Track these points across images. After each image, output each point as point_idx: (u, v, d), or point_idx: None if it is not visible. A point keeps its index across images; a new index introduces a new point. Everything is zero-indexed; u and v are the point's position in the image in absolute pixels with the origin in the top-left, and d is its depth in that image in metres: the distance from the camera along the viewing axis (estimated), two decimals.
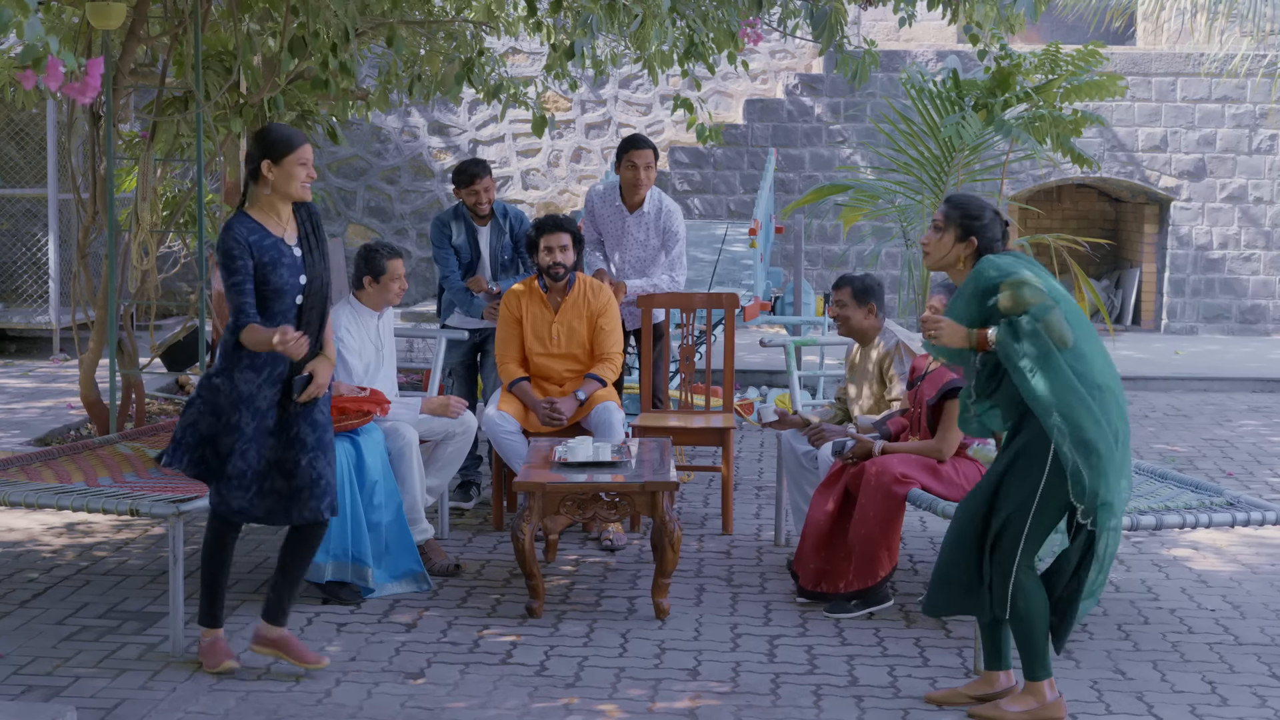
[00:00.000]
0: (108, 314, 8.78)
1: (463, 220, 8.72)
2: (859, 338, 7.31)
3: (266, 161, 5.52)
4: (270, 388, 5.50)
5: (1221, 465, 9.98)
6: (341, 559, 6.50)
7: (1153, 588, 7.00)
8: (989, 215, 5.35)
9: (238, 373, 5.47)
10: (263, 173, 5.53)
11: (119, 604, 6.52)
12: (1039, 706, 5.26)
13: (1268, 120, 16.96)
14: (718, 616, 6.45)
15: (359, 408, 6.69)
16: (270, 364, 5.49)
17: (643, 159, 8.54)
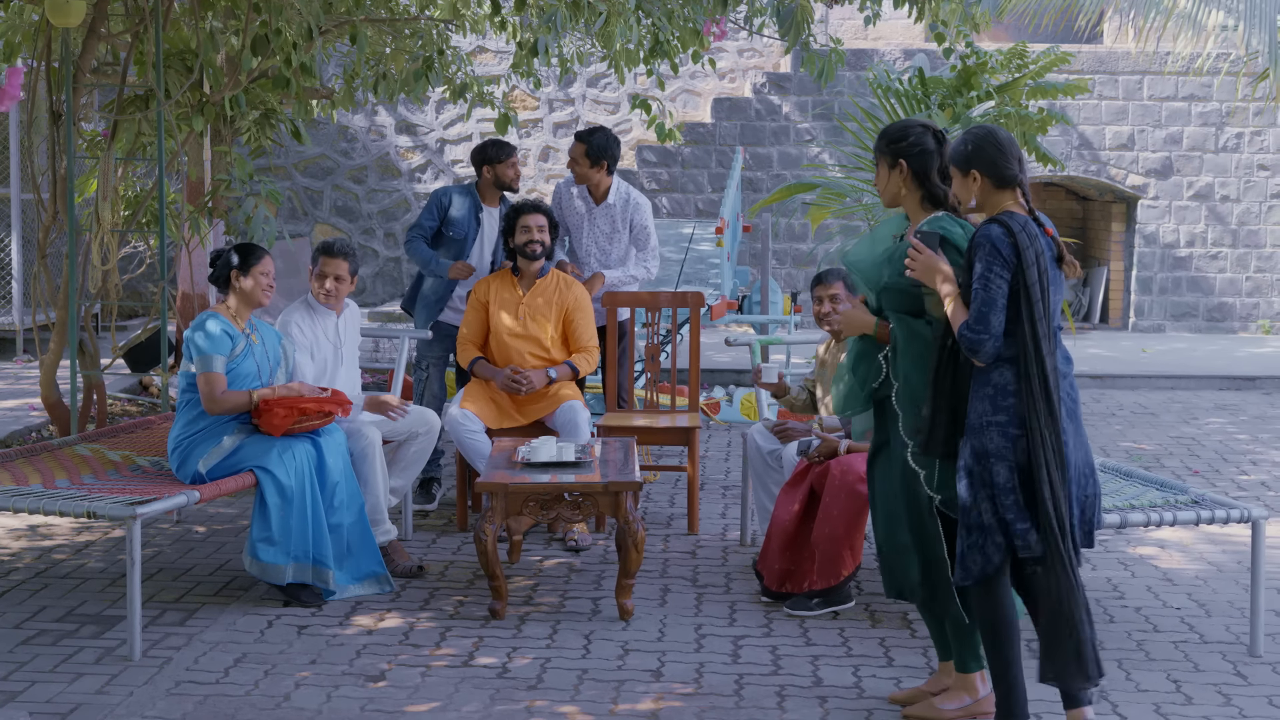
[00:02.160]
0: (69, 315, 8.70)
1: (471, 197, 8.65)
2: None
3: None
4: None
5: (1188, 463, 9.98)
6: (302, 561, 6.44)
7: (1118, 586, 6.99)
8: (914, 133, 5.18)
9: None
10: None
11: (77, 607, 6.44)
12: (972, 702, 5.22)
13: (1234, 119, 17.00)
14: (682, 617, 6.41)
15: (320, 408, 6.63)
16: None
17: (571, 153, 8.60)
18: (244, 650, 5.89)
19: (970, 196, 4.95)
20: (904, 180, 5.19)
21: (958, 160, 4.97)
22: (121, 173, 9.45)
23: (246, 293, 6.73)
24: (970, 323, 4.79)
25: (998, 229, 4.80)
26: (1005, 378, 4.83)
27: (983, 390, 4.85)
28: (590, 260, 8.67)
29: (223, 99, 8.69)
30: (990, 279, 4.76)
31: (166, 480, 6.60)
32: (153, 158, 9.01)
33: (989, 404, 4.83)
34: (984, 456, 4.82)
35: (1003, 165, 4.88)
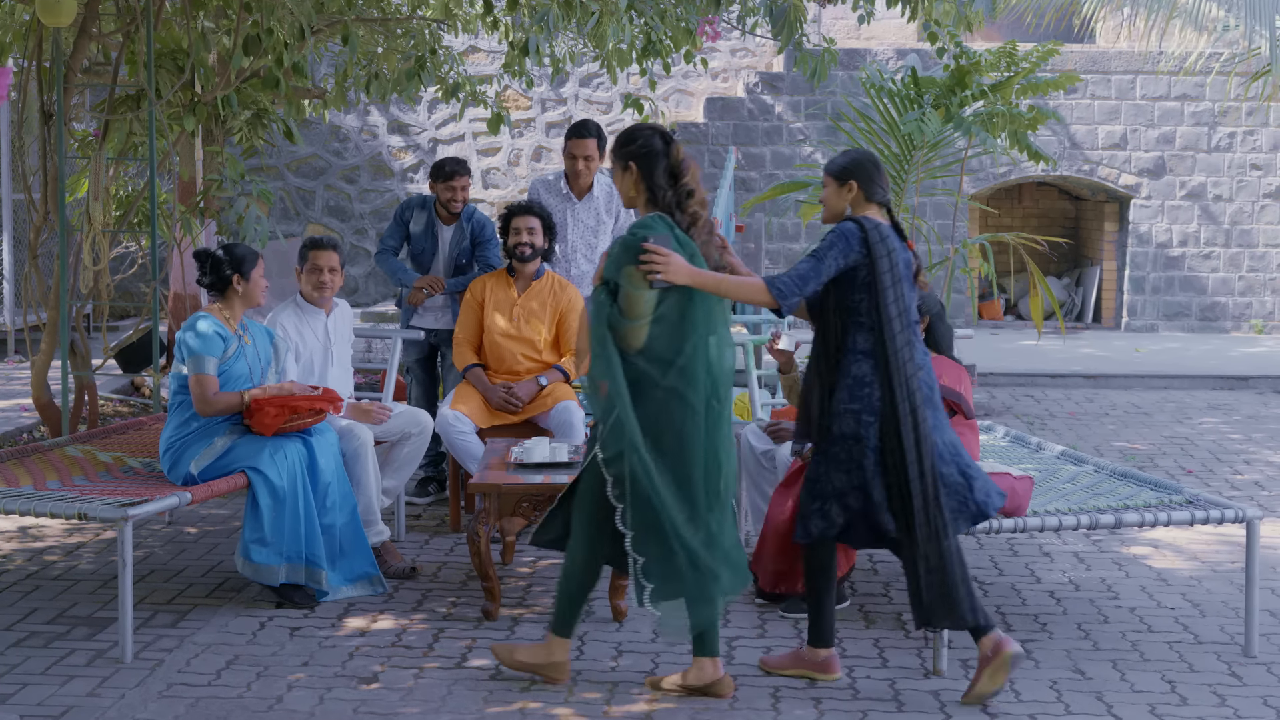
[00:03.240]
0: (60, 315, 8.67)
1: (428, 212, 8.65)
2: None
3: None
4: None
5: (1182, 463, 9.97)
6: (295, 561, 6.41)
7: (1112, 586, 6.98)
8: (642, 137, 5.43)
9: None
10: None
11: (68, 609, 6.42)
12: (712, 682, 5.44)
13: (1227, 118, 17.01)
14: None
15: (311, 406, 6.60)
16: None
17: (582, 150, 8.50)
18: (236, 652, 5.87)
19: (843, 204, 5.57)
20: (634, 182, 5.43)
21: (836, 171, 5.60)
22: (113, 173, 9.44)
23: (247, 297, 6.77)
24: (790, 275, 5.36)
25: (853, 225, 5.46)
26: (863, 369, 5.42)
27: (843, 381, 5.44)
28: (577, 256, 8.65)
29: (214, 99, 8.67)
30: (828, 256, 5.39)
31: (158, 481, 6.58)
32: (144, 158, 8.98)
33: (847, 393, 5.43)
34: (840, 439, 5.42)
35: (877, 182, 5.56)
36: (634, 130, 5.49)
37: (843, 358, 5.47)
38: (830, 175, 5.63)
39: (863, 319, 5.45)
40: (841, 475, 5.45)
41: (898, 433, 5.38)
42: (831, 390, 5.49)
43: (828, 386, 5.51)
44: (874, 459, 5.41)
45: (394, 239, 8.70)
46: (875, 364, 5.42)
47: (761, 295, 5.36)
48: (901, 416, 5.37)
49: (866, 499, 5.43)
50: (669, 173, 5.40)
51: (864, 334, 5.44)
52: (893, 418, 5.38)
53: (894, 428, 5.38)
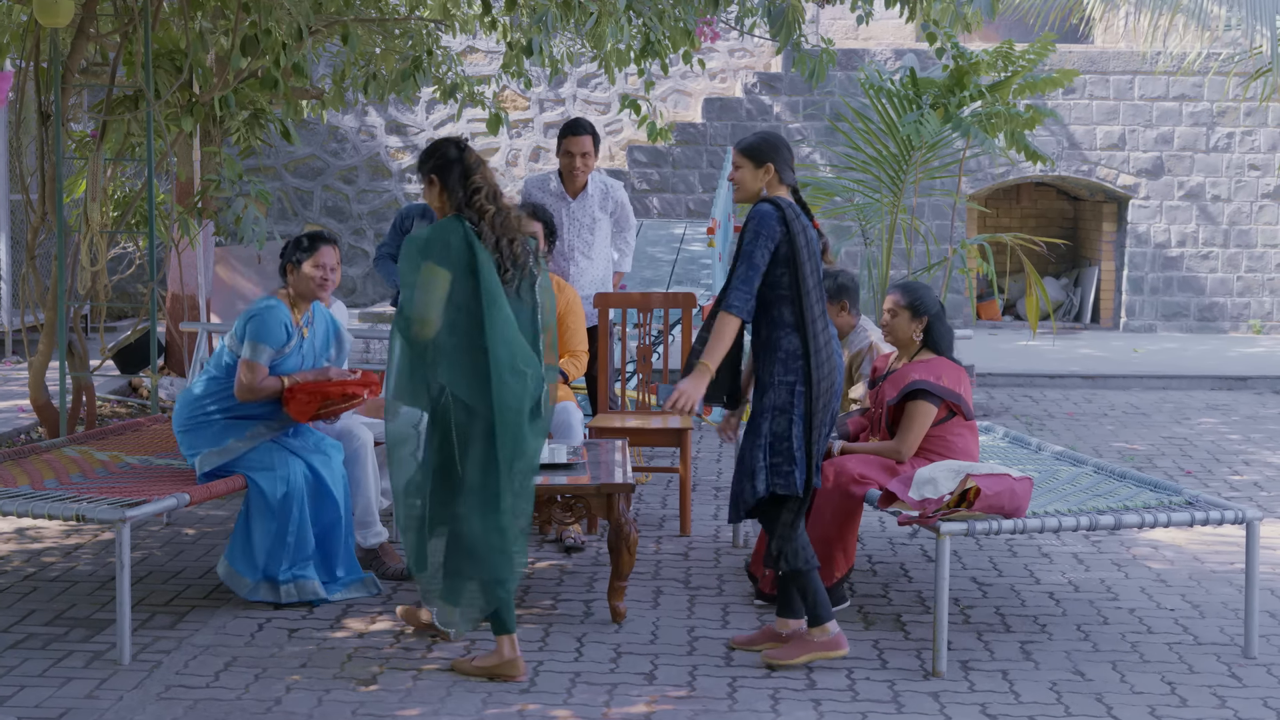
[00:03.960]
0: (57, 316, 8.66)
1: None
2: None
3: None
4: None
5: (1180, 463, 9.97)
6: (273, 578, 6.40)
7: (1112, 587, 6.97)
8: (439, 150, 5.74)
9: None
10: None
11: (66, 611, 6.40)
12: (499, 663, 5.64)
13: (1225, 118, 17.01)
14: (675, 619, 6.38)
15: (344, 391, 6.58)
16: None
17: (579, 147, 8.50)
18: (234, 654, 5.86)
19: (759, 185, 5.77)
20: (439, 193, 5.74)
21: (753, 153, 5.79)
22: (110, 173, 9.42)
23: (295, 287, 6.71)
24: (734, 287, 5.60)
25: (769, 207, 5.66)
26: (793, 343, 5.65)
27: (774, 355, 5.67)
28: (574, 254, 8.64)
29: (212, 99, 8.66)
30: (757, 248, 5.60)
31: (156, 479, 6.54)
32: (142, 158, 8.97)
33: (781, 366, 5.66)
34: (774, 410, 5.65)
35: (789, 164, 5.81)
36: (434, 145, 5.81)
37: (772, 332, 5.69)
38: (746, 156, 5.80)
39: (784, 292, 5.66)
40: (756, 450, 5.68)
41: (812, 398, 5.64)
42: (764, 365, 5.71)
43: (761, 362, 5.74)
44: (800, 427, 5.65)
45: (393, 245, 8.70)
46: (799, 335, 5.66)
47: (731, 327, 5.66)
48: (819, 382, 5.65)
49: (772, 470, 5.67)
50: (462, 176, 5.70)
51: (788, 307, 5.66)
52: (813, 385, 5.64)
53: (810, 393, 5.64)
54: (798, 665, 5.72)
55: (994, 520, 5.75)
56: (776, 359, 5.66)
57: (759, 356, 5.74)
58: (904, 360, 6.51)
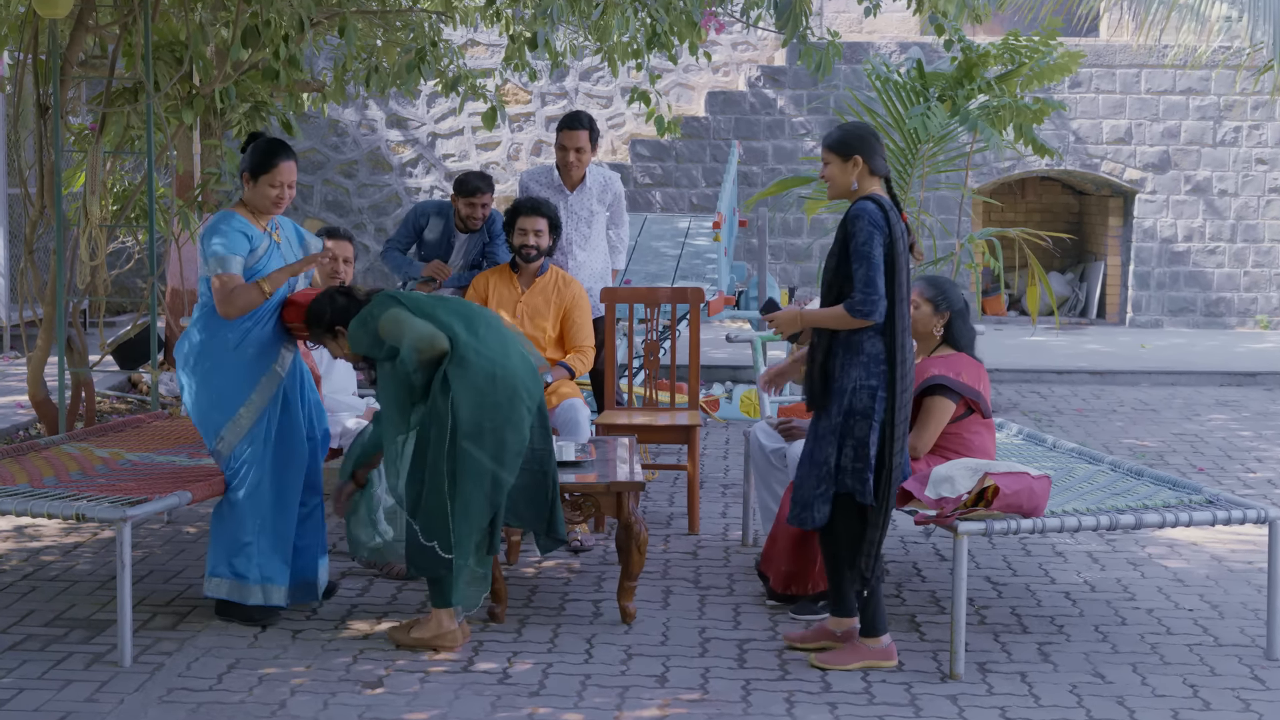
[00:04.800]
0: (56, 311, 8.55)
1: (445, 220, 8.66)
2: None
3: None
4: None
5: (1192, 460, 9.86)
6: (242, 579, 6.14)
7: (1129, 587, 6.85)
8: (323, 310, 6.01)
9: None
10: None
11: (66, 611, 6.29)
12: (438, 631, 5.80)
13: (1232, 112, 16.90)
14: (685, 620, 6.27)
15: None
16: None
17: (573, 141, 8.40)
18: (237, 656, 5.74)
19: (849, 180, 5.60)
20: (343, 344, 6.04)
21: (840, 147, 5.62)
22: (110, 167, 9.30)
23: (251, 202, 6.12)
24: (861, 288, 5.41)
25: (870, 204, 5.49)
26: (877, 347, 5.50)
27: (856, 359, 5.50)
28: (572, 248, 8.54)
29: (212, 91, 8.55)
30: (871, 247, 5.43)
31: (157, 477, 6.41)
32: (141, 151, 8.86)
33: (863, 369, 5.49)
34: (852, 414, 5.49)
35: (879, 154, 5.62)
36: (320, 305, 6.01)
37: (854, 333, 5.52)
38: (833, 151, 5.65)
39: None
40: (850, 451, 5.52)
41: (894, 406, 5.50)
42: (843, 366, 5.54)
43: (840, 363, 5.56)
44: (877, 433, 5.51)
45: (403, 241, 8.65)
46: (884, 339, 5.51)
47: (849, 320, 5.49)
48: (902, 393, 5.51)
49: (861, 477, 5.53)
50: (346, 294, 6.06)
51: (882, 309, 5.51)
52: (893, 391, 5.50)
53: (893, 401, 5.50)
54: (851, 671, 5.62)
55: (1012, 520, 5.64)
56: (858, 362, 5.51)
57: (833, 355, 5.58)
58: (922, 355, 6.40)
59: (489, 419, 5.74)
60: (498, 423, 5.75)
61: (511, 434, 5.79)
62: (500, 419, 5.76)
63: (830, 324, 5.55)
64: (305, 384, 6.31)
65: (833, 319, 5.52)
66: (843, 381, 5.52)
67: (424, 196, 17.23)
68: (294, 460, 6.17)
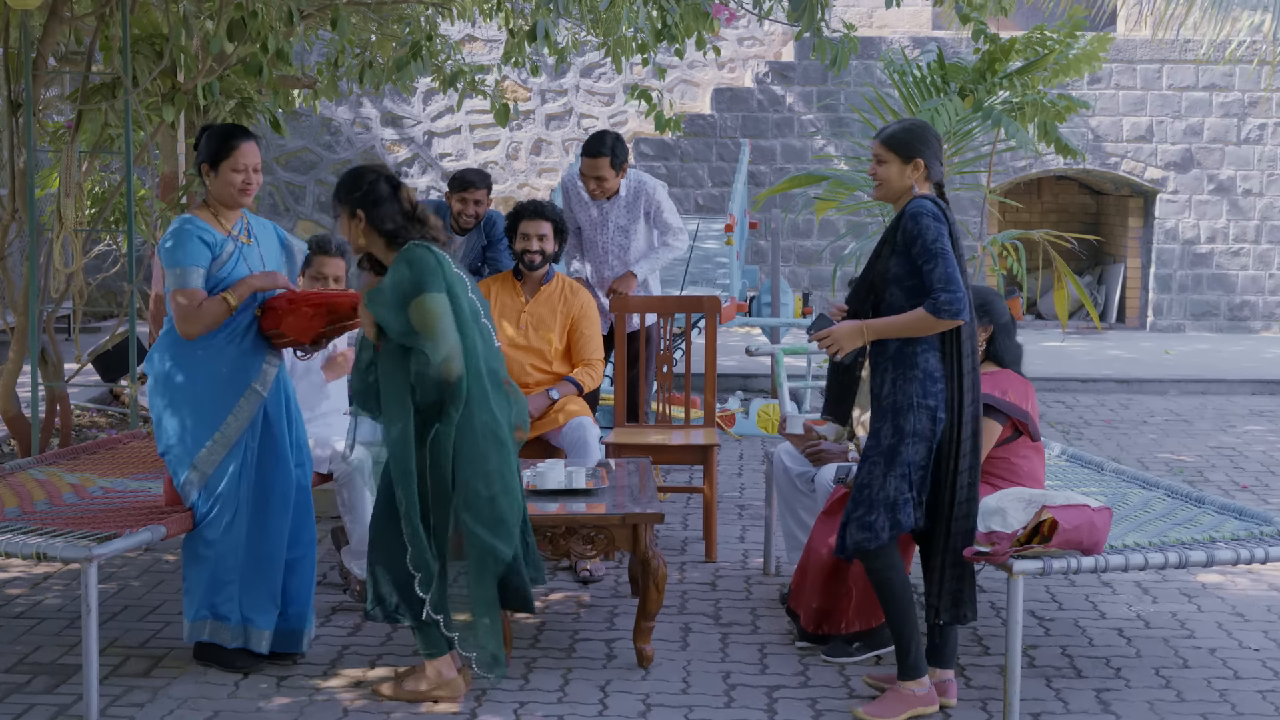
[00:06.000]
0: (29, 321, 8.02)
1: (443, 220, 8.12)
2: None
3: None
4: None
5: (1234, 476, 9.32)
6: (223, 619, 5.58)
7: (1186, 622, 6.31)
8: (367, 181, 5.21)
9: None
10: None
11: (29, 655, 5.74)
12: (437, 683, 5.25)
13: (1257, 109, 16.38)
14: (707, 663, 5.73)
15: (353, 302, 5.51)
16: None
17: (593, 170, 7.87)
18: (216, 708, 5.20)
19: (907, 184, 5.12)
20: (363, 230, 5.20)
21: (900, 146, 5.13)
22: (86, 167, 8.77)
23: (216, 193, 5.52)
24: (944, 287, 4.92)
25: (929, 204, 5.04)
26: (932, 363, 5.03)
27: (910, 374, 5.02)
28: (609, 259, 8.05)
29: (195, 87, 8.03)
30: (941, 242, 4.96)
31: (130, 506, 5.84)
32: (120, 151, 8.35)
33: (920, 388, 5.02)
34: (912, 435, 5.02)
35: (940, 158, 5.18)
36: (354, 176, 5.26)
37: (907, 346, 5.05)
38: (892, 150, 5.15)
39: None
40: (898, 480, 5.06)
41: (960, 424, 5.07)
42: (895, 383, 5.08)
43: (890, 379, 5.10)
44: (925, 455, 5.07)
45: None
46: (941, 354, 5.06)
47: (932, 324, 5.00)
48: (967, 407, 5.08)
49: (916, 503, 5.10)
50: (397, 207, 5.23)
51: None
52: (959, 410, 5.06)
53: (958, 419, 5.06)
54: None
55: (1072, 558, 5.10)
56: (914, 379, 5.03)
57: (883, 373, 5.11)
58: None
59: (485, 486, 5.15)
60: (493, 491, 5.16)
61: (507, 502, 5.21)
62: (497, 487, 5.17)
63: (905, 332, 5.02)
64: (291, 405, 5.73)
65: (910, 325, 5.00)
66: (896, 399, 5.06)
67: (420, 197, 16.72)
68: (278, 491, 5.57)
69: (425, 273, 5.05)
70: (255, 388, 5.50)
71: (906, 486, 5.04)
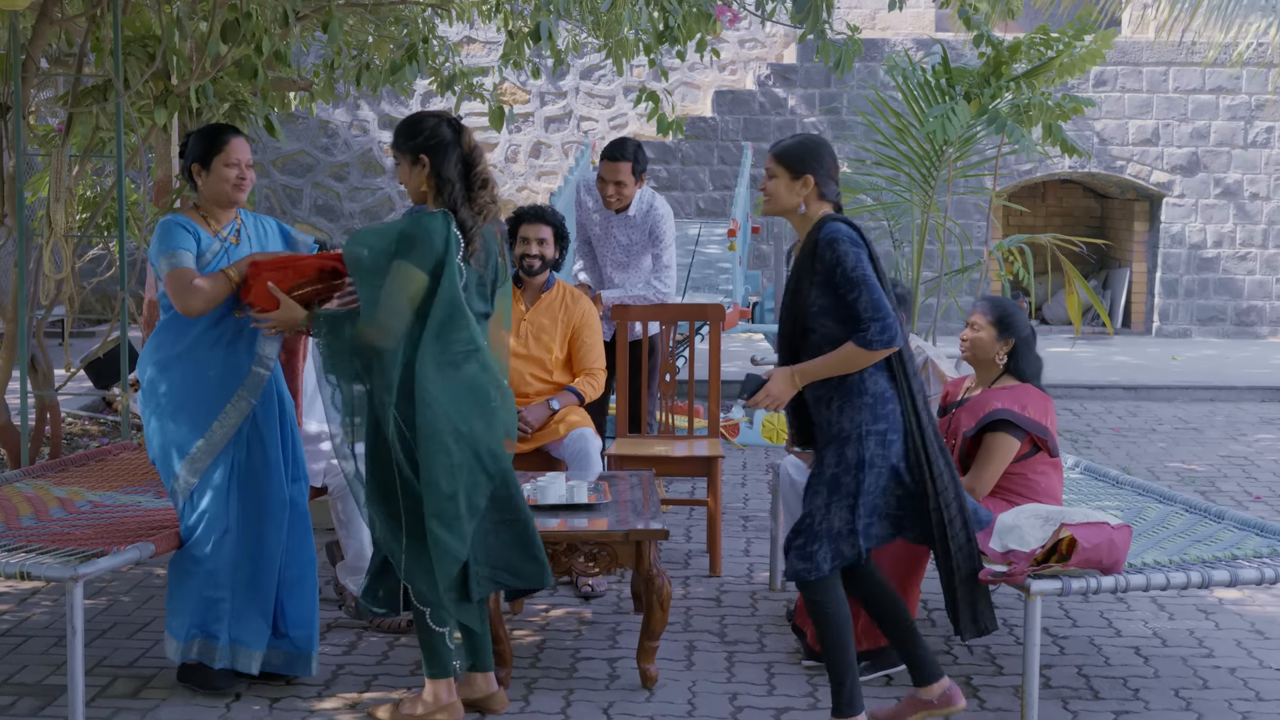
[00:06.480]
0: (18, 329, 7.84)
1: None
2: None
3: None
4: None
5: (1246, 486, 9.15)
6: (212, 638, 5.36)
7: (1204, 640, 6.14)
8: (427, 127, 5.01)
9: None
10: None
11: (15, 675, 5.57)
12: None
13: (1265, 112, 16.22)
14: (713, 683, 5.56)
15: (322, 264, 5.19)
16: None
17: (613, 174, 7.60)
18: None
19: (796, 201, 4.88)
20: (425, 177, 5.00)
21: (790, 161, 4.90)
22: (77, 172, 8.60)
23: (209, 193, 5.35)
24: (873, 316, 4.69)
25: (844, 226, 4.80)
26: (880, 385, 4.80)
27: (858, 400, 4.78)
28: (608, 270, 7.88)
29: (188, 90, 7.86)
30: (862, 268, 4.72)
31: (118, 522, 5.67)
32: (111, 155, 8.18)
33: (869, 413, 4.77)
34: (858, 466, 4.76)
35: (834, 177, 4.92)
36: (418, 118, 5.06)
37: (854, 374, 4.78)
38: (782, 164, 4.91)
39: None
40: (843, 510, 4.81)
41: (924, 444, 4.84)
42: (841, 409, 4.81)
43: (837, 406, 4.83)
44: (888, 478, 4.84)
45: None
46: (890, 374, 4.83)
47: (865, 357, 4.76)
48: (926, 426, 4.86)
49: (857, 533, 4.83)
50: (462, 163, 5.02)
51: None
52: (919, 429, 4.84)
53: (920, 440, 4.84)
54: None
55: (1092, 578, 4.95)
56: (863, 405, 4.78)
57: (828, 401, 4.84)
58: (982, 386, 5.70)
59: (447, 483, 4.92)
60: (454, 488, 4.93)
61: (465, 501, 4.99)
62: (457, 483, 4.95)
63: (839, 370, 4.78)
64: (286, 417, 5.54)
65: (842, 362, 4.76)
66: (842, 425, 4.80)
67: None
68: (270, 507, 5.39)
69: (416, 239, 4.87)
70: (243, 393, 5.32)
71: (852, 517, 4.79)
